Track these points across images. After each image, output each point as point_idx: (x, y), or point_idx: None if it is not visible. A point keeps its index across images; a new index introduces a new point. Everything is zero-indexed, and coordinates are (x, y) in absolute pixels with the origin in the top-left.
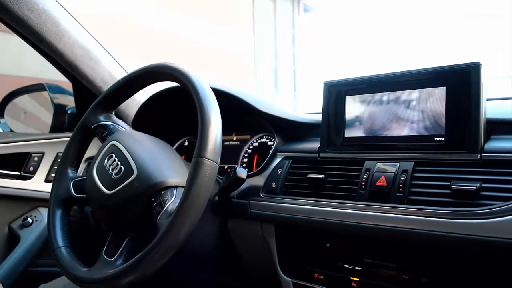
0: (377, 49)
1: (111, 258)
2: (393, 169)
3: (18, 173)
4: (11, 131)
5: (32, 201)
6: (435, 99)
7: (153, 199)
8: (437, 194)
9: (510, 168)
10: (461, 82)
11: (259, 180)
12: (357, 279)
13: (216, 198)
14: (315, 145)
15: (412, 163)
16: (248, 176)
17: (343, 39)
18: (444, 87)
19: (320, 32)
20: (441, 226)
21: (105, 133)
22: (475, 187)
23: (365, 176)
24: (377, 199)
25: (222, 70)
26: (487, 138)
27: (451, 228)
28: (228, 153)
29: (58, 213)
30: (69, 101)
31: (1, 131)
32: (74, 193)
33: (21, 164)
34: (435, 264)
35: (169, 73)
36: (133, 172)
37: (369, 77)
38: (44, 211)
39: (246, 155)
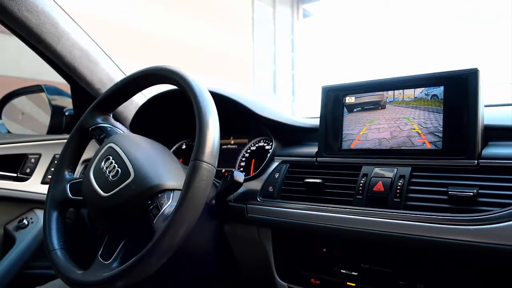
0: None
1: (106, 261)
2: (391, 175)
3: (15, 175)
4: (8, 132)
5: (28, 203)
6: (432, 105)
7: (149, 202)
8: (434, 199)
9: (507, 174)
10: (459, 88)
11: (256, 184)
12: (354, 285)
13: (213, 201)
14: (313, 149)
15: (410, 168)
16: (245, 180)
17: (343, 44)
18: (442, 93)
19: (319, 37)
20: (438, 232)
21: (102, 135)
22: (472, 193)
23: (362, 181)
24: (374, 204)
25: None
26: (485, 145)
27: (448, 234)
28: (226, 157)
29: (54, 215)
30: (67, 103)
31: None
32: (70, 195)
33: (17, 165)
34: (432, 269)
35: (168, 75)
36: (130, 174)
37: (367, 82)
38: (40, 213)
39: (243, 159)
